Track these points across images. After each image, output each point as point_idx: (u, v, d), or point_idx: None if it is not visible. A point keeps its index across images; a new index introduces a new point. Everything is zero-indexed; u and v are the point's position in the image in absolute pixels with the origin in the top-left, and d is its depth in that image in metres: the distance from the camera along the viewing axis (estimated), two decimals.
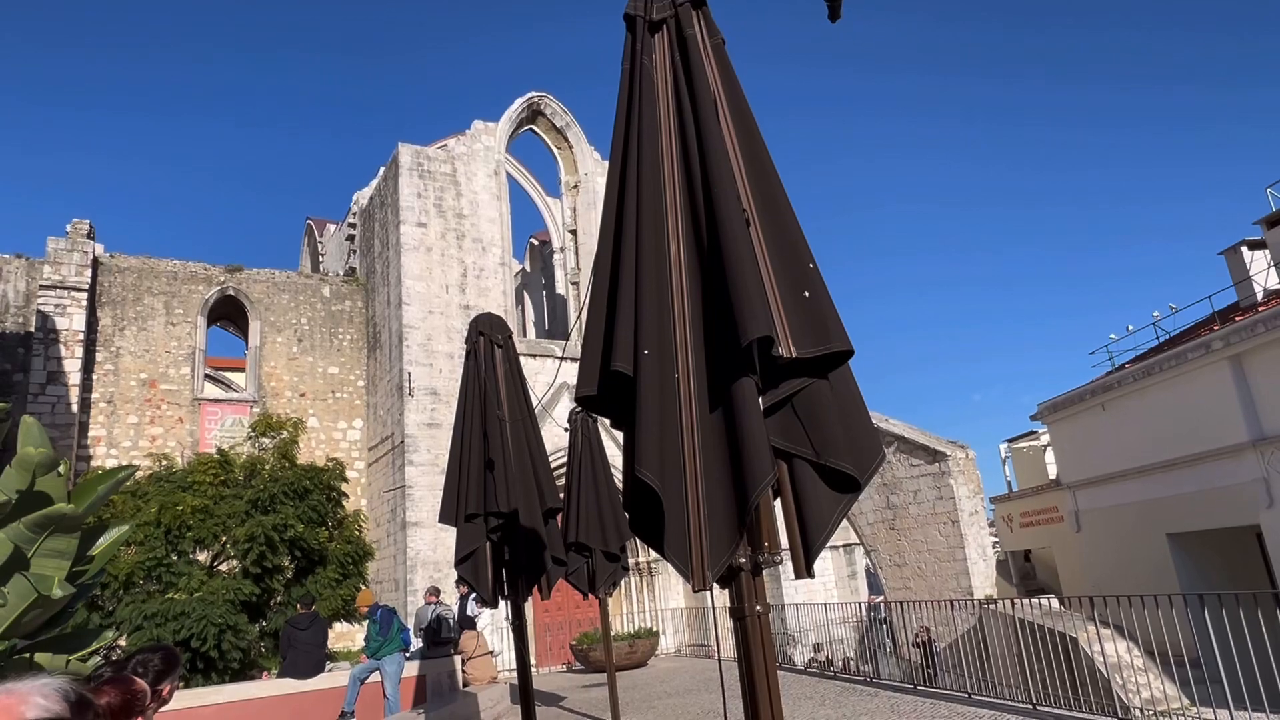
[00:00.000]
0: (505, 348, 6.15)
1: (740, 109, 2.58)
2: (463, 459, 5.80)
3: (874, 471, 2.42)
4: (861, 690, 11.45)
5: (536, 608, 19.52)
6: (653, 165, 2.50)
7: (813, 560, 2.39)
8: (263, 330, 21.81)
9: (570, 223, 24.63)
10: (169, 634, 9.98)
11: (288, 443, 13.54)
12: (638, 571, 21.47)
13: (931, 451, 18.75)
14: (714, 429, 2.34)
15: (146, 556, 11.13)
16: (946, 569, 18.02)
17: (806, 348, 2.31)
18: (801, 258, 2.40)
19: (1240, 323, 15.21)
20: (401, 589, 18.38)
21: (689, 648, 20.59)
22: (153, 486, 12.31)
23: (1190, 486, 16.13)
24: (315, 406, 21.83)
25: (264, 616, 12.00)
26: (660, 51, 2.63)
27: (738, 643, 2.38)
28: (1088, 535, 19.36)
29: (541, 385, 18.40)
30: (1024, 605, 12.69)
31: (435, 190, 21.32)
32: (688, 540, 2.26)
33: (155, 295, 20.73)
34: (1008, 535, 24.08)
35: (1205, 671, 9.21)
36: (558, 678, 17.17)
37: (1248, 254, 18.43)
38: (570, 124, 24.32)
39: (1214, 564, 16.25)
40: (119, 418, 19.54)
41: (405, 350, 19.66)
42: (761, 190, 2.48)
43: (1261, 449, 14.54)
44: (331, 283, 23.60)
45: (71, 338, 18.49)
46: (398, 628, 10.52)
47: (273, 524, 11.50)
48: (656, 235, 2.45)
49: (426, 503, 18.21)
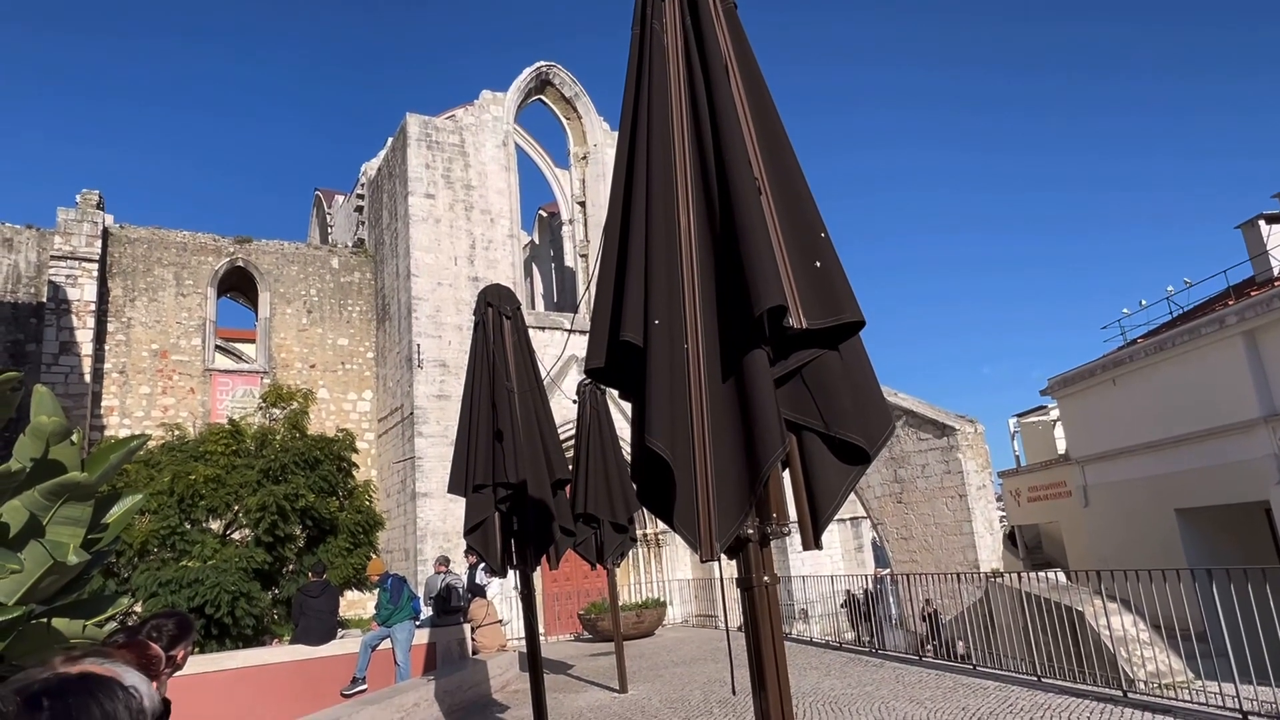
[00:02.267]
0: (514, 319, 6.14)
1: (752, 74, 2.53)
2: (471, 430, 5.81)
3: (884, 443, 2.41)
4: (867, 661, 11.54)
5: (545, 577, 19.70)
6: (662, 132, 2.47)
7: (821, 532, 2.38)
8: (272, 301, 21.86)
9: (579, 194, 24.48)
10: (183, 600, 10.12)
11: (298, 413, 13.62)
12: (645, 543, 21.62)
13: (940, 426, 18.72)
14: (723, 400, 2.33)
15: (160, 525, 11.26)
16: (953, 542, 18.07)
17: (817, 318, 2.29)
18: (813, 227, 2.37)
19: (1256, 297, 15.05)
20: (411, 558, 18.57)
21: (696, 618, 20.79)
22: (165, 456, 12.42)
23: (1200, 462, 16.08)
24: (325, 378, 21.93)
25: (276, 584, 12.15)
26: (670, 15, 2.58)
27: (744, 613, 2.39)
28: (1096, 510, 19.36)
29: (550, 358, 18.41)
30: (1030, 579, 12.72)
31: (443, 161, 21.19)
32: (696, 511, 2.25)
33: (165, 266, 20.77)
34: (1015, 510, 24.12)
35: (1211, 645, 9.23)
36: (566, 646, 17.38)
37: (1265, 228, 18.18)
38: (579, 94, 24.08)
39: (1222, 539, 16.25)
40: (131, 388, 19.69)
41: (414, 322, 19.69)
42: (773, 158, 2.44)
43: (1273, 425, 14.46)
44: (340, 254, 23.59)
45: (83, 308, 18.58)
46: (408, 596, 10.64)
47: (284, 493, 11.60)
48: (666, 204, 2.42)
49: (436, 474, 18.33)
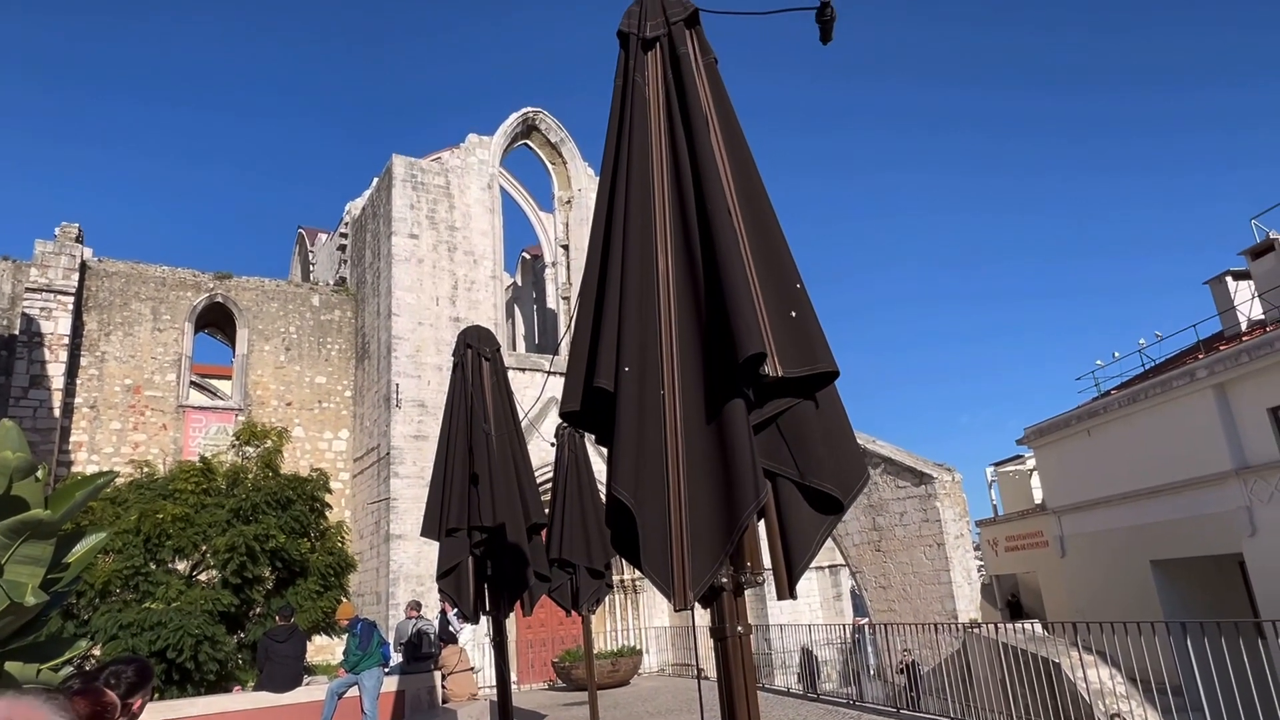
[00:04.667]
0: (493, 361, 6.12)
1: (731, 128, 2.59)
2: (447, 472, 5.75)
3: (858, 493, 2.42)
4: (844, 713, 11.38)
5: (520, 624, 19.36)
6: (642, 181, 2.51)
7: (795, 581, 2.37)
8: (250, 338, 21.68)
9: (563, 238, 24.67)
10: (144, 644, 9.82)
11: (272, 452, 13.43)
12: (622, 589, 21.34)
13: (918, 473, 18.77)
14: (700, 447, 2.33)
15: (124, 565, 10.98)
16: (931, 592, 17.98)
17: (793, 367, 2.31)
18: (789, 277, 2.40)
19: (1224, 352, 15.36)
20: (384, 602, 18.19)
21: (672, 667, 20.45)
22: (133, 494, 12.17)
23: (1174, 514, 16.21)
24: (301, 416, 21.68)
25: (243, 628, 11.84)
26: (653, 69, 2.64)
27: (718, 663, 2.36)
28: (1072, 560, 19.41)
29: (530, 399, 18.35)
30: (1008, 630, 12.68)
31: (428, 202, 21.32)
32: (669, 558, 2.24)
33: (143, 300, 20.59)
34: (993, 559, 24.11)
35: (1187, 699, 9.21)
36: (539, 695, 17.01)
37: (1232, 284, 18.63)
38: (565, 140, 24.42)
39: (1197, 591, 16.31)
40: (102, 423, 19.35)
41: (394, 361, 19.59)
42: (751, 210, 2.48)
43: (1244, 477, 14.64)
44: (321, 292, 23.52)
45: (56, 341, 18.32)
46: (377, 642, 10.40)
47: (254, 534, 11.37)
48: (644, 252, 2.45)
49: (411, 515, 18.07)
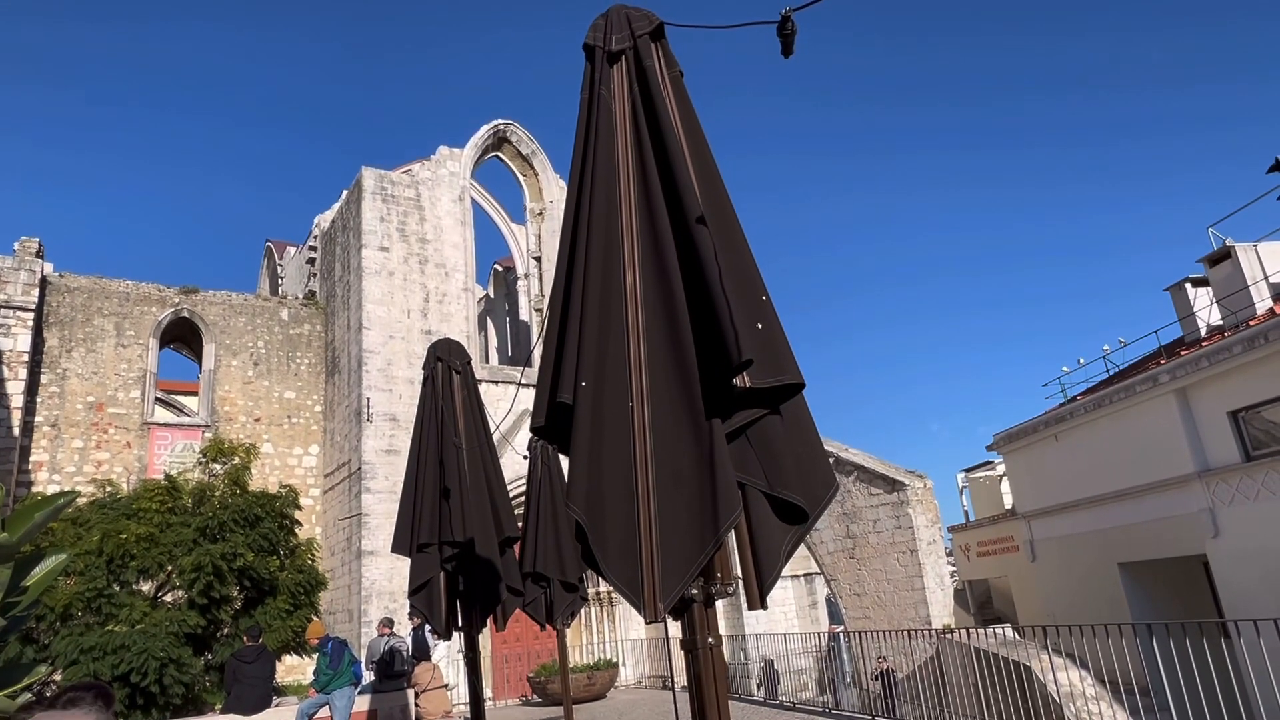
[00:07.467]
0: (464, 374, 6.08)
1: (697, 141, 2.60)
2: (418, 487, 5.69)
3: (826, 504, 2.43)
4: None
5: (494, 639, 19.16)
6: (607, 195, 2.51)
7: (766, 591, 2.38)
8: (217, 353, 21.34)
9: (535, 249, 24.62)
10: (107, 668, 9.59)
11: (240, 469, 13.21)
12: (597, 601, 21.23)
13: (890, 481, 18.92)
14: (669, 459, 2.33)
15: (86, 587, 10.71)
16: (905, 598, 18.11)
17: (761, 378, 2.32)
18: (755, 289, 2.42)
19: (1185, 357, 15.69)
20: (356, 620, 17.92)
21: (649, 679, 20.36)
22: (96, 514, 11.89)
23: (1140, 517, 16.48)
24: (270, 432, 21.35)
25: (209, 649, 11.60)
26: (619, 82, 2.65)
27: (689, 675, 2.35)
28: (1043, 564, 19.65)
29: (503, 412, 18.24)
30: (980, 635, 12.79)
31: (399, 214, 21.18)
32: (639, 571, 2.23)
33: (106, 316, 20.19)
34: (965, 564, 24.33)
35: (1155, 700, 9.35)
36: (514, 711, 16.84)
37: (1191, 290, 19.05)
38: (536, 152, 24.42)
39: (1164, 593, 16.58)
40: (63, 442, 18.90)
41: (365, 375, 19.38)
42: (717, 223, 2.49)
43: (1206, 480, 14.93)
44: (290, 306, 23.22)
45: (15, 359, 17.89)
46: (349, 660, 10.24)
47: (221, 553, 11.16)
48: (607, 265, 2.46)
49: (383, 531, 17.85)
